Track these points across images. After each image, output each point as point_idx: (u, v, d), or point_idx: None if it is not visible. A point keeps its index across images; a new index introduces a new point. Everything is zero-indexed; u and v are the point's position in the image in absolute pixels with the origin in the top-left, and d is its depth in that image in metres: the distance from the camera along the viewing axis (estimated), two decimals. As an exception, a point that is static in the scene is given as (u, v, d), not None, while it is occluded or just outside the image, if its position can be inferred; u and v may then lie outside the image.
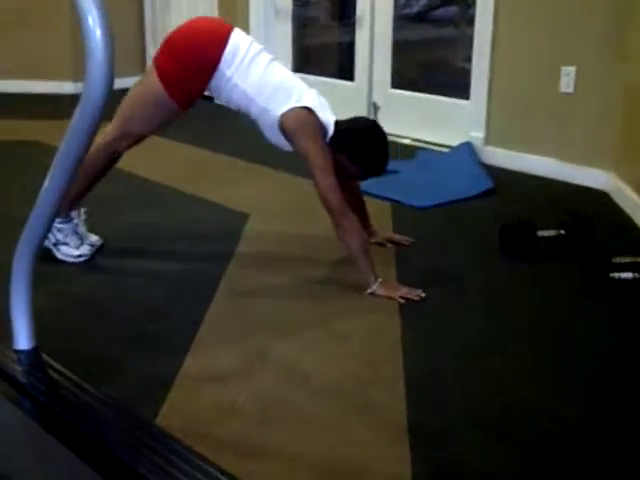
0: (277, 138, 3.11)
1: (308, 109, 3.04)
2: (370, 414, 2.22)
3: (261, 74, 3.07)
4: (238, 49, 3.06)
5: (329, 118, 3.11)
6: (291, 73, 3.20)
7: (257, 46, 3.16)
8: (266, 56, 3.16)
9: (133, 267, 3.23)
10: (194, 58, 3.06)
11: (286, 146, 3.12)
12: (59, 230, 3.19)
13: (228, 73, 3.04)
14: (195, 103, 3.16)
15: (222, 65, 3.03)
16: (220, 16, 6.57)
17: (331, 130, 3.09)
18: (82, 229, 3.27)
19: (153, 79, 3.06)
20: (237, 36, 3.11)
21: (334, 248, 3.16)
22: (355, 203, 3.27)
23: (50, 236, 3.17)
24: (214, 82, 3.08)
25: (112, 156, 3.21)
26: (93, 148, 3.10)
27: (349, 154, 3.10)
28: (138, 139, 3.20)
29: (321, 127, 3.07)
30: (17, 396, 1.99)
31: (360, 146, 3.14)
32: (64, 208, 3.16)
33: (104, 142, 3.13)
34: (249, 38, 3.17)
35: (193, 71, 3.07)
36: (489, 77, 4.78)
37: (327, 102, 3.17)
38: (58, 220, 3.18)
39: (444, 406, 2.26)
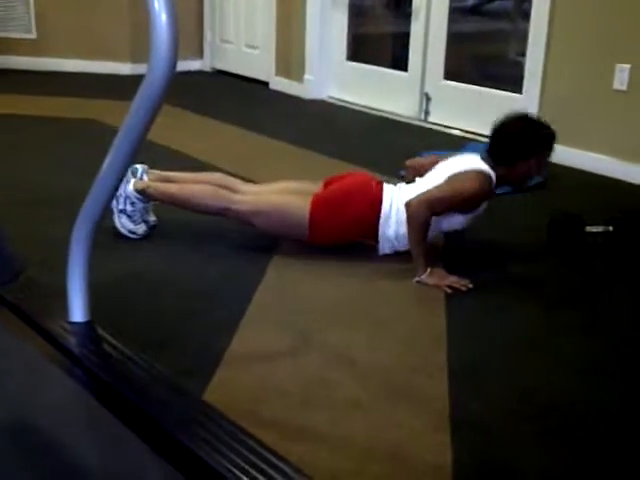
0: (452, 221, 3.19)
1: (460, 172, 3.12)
2: (413, 400, 2.24)
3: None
4: (391, 206, 3.14)
5: (482, 163, 3.14)
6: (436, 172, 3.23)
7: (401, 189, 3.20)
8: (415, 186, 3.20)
9: (184, 248, 3.27)
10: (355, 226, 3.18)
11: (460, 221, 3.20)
12: (132, 203, 3.26)
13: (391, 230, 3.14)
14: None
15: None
16: (278, 4, 6.63)
17: (492, 173, 3.12)
18: (149, 211, 3.35)
19: (305, 213, 3.14)
20: (387, 194, 3.17)
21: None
22: None
23: (120, 201, 3.25)
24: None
25: (219, 213, 3.28)
26: (215, 197, 3.23)
27: (520, 157, 3.12)
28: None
29: (481, 173, 3.11)
30: (71, 367, 2.04)
31: (519, 142, 3.14)
32: (154, 195, 3.28)
33: (229, 206, 3.21)
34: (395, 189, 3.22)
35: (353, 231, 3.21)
36: (542, 71, 4.76)
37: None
38: (137, 196, 3.26)
39: (487, 397, 2.28)
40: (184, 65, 7.11)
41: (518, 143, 3.12)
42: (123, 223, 3.29)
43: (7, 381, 1.94)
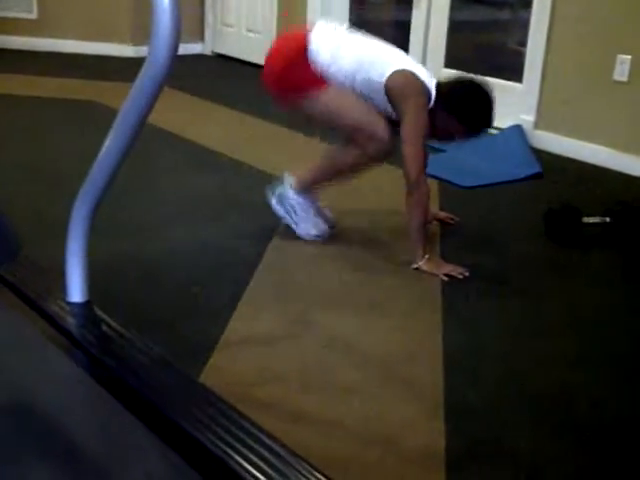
0: (386, 105, 3.10)
1: (411, 72, 3.06)
2: (408, 386, 2.25)
3: (355, 52, 3.13)
4: (320, 45, 3.11)
5: (430, 80, 3.10)
6: (384, 44, 3.25)
7: (341, 30, 3.24)
8: (355, 37, 3.24)
9: (182, 232, 3.28)
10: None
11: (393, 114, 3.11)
12: (301, 208, 3.24)
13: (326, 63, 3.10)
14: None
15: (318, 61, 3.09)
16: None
17: (433, 92, 3.09)
18: (320, 211, 3.32)
19: None
20: (317, 33, 3.15)
21: (381, 222, 3.19)
22: None
23: (291, 213, 3.25)
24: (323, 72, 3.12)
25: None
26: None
27: (458, 115, 3.08)
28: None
29: (424, 89, 3.06)
30: (69, 347, 2.04)
31: (470, 106, 3.10)
32: (311, 179, 3.26)
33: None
34: (330, 27, 3.22)
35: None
36: (543, 61, 4.76)
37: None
38: (297, 198, 3.25)
39: (481, 384, 2.29)
40: (185, 49, 7.08)
41: (470, 106, 3.11)
42: (305, 229, 3.26)
43: (4, 360, 1.94)
